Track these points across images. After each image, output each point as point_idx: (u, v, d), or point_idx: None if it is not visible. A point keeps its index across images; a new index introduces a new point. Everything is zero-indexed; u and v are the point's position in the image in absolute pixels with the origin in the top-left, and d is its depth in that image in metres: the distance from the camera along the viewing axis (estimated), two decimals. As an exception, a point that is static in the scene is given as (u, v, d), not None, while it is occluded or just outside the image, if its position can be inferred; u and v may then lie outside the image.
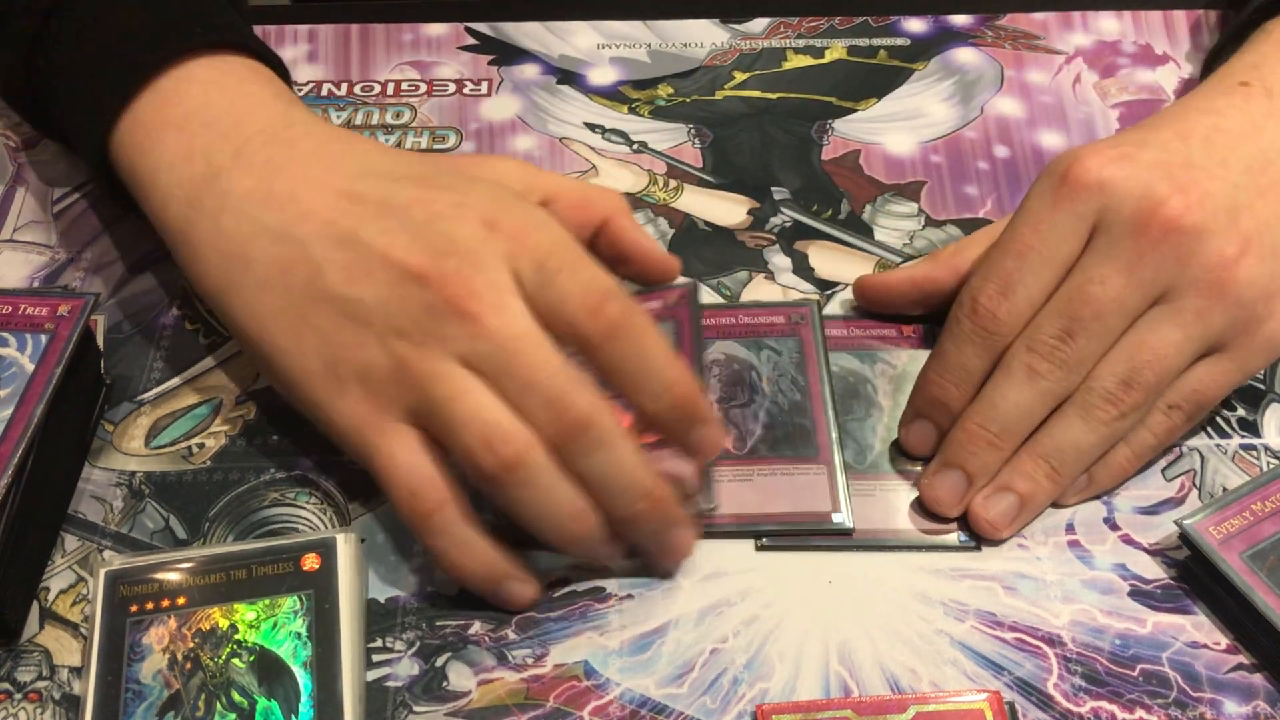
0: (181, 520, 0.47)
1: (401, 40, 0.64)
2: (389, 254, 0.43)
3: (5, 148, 0.59)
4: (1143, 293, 0.44)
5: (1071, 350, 0.44)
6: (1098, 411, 0.45)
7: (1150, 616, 0.44)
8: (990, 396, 0.46)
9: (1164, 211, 0.44)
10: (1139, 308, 0.44)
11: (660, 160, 0.59)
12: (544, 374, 0.41)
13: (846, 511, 0.46)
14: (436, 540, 0.43)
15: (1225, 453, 0.49)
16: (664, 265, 0.51)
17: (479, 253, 0.42)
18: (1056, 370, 0.45)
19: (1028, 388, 0.45)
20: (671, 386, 0.42)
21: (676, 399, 0.43)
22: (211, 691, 0.40)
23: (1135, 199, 0.44)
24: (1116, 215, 0.44)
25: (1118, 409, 0.45)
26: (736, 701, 0.42)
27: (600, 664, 0.43)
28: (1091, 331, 0.44)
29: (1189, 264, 0.44)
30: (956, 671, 0.43)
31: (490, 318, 0.41)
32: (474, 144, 0.59)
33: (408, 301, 0.42)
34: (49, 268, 0.54)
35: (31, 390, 0.44)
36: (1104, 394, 0.45)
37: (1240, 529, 0.44)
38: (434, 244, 0.43)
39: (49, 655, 0.43)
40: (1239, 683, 0.43)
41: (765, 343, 0.51)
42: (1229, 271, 0.44)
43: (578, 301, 0.42)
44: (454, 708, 0.42)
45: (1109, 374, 0.45)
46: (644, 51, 0.64)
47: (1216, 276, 0.44)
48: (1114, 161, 0.45)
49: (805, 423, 0.48)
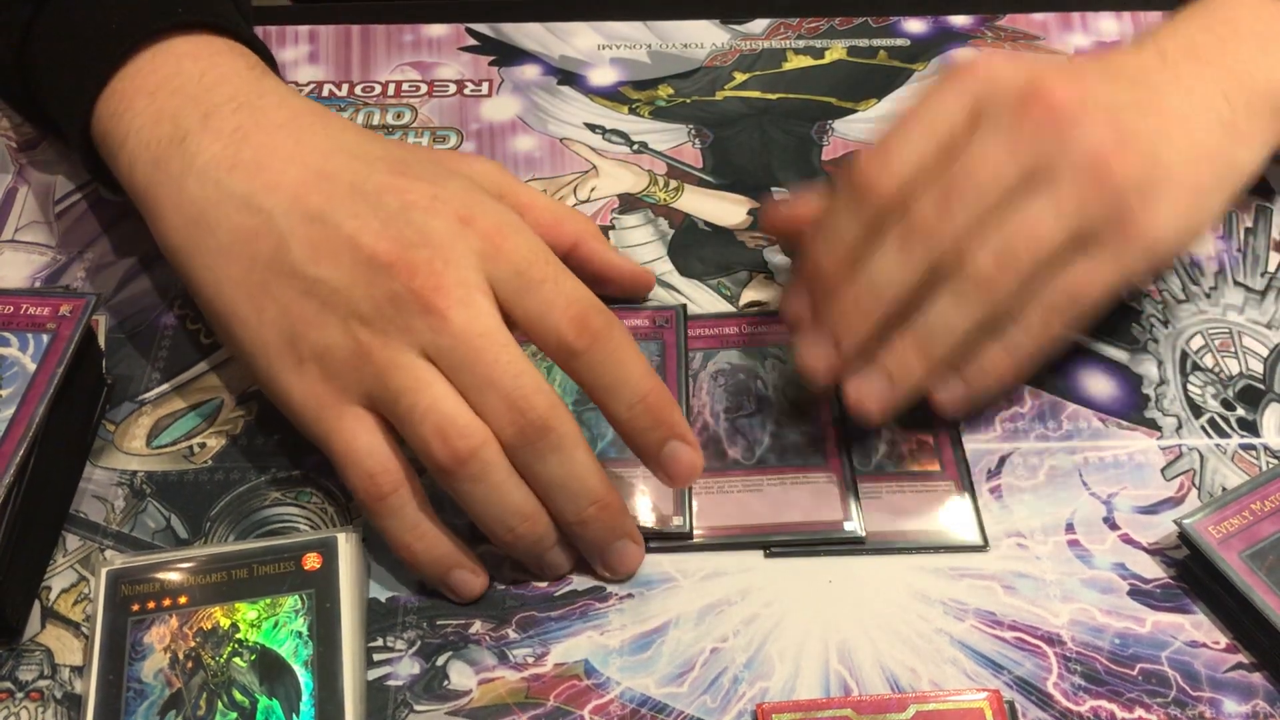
0: (183, 519, 0.47)
1: (402, 41, 0.64)
2: (358, 238, 0.42)
3: (6, 148, 0.59)
4: (1020, 170, 0.43)
5: (944, 222, 0.44)
6: (970, 291, 0.44)
7: (1150, 616, 0.44)
8: (863, 265, 0.45)
9: (1048, 95, 0.44)
10: (1016, 186, 0.44)
11: (660, 160, 0.59)
12: (506, 375, 0.41)
13: (858, 519, 0.46)
14: (389, 522, 0.43)
15: (1224, 452, 0.49)
16: (640, 281, 0.52)
17: (450, 248, 0.42)
18: (928, 241, 0.44)
19: (899, 257, 0.44)
20: (645, 396, 0.43)
21: (650, 408, 0.43)
22: (213, 690, 0.41)
23: (1021, 82, 0.44)
24: (1002, 96, 0.44)
25: (989, 290, 0.44)
26: (736, 700, 0.42)
27: (601, 663, 0.43)
28: (967, 205, 0.43)
29: (1069, 148, 0.43)
30: (956, 670, 0.43)
31: (456, 314, 0.41)
32: (474, 144, 0.60)
33: (373, 289, 0.42)
34: (50, 268, 0.55)
35: (33, 390, 0.44)
36: (976, 273, 0.43)
37: (1239, 528, 0.44)
38: (405, 234, 0.42)
39: (50, 654, 0.43)
40: (1238, 682, 0.43)
41: (769, 351, 0.51)
42: (1107, 160, 0.43)
43: (561, 312, 0.42)
44: (455, 707, 0.42)
45: (983, 252, 0.43)
46: (644, 52, 0.64)
47: (1094, 163, 0.43)
48: (1005, 58, 0.48)
49: (813, 431, 0.48)
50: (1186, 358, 0.52)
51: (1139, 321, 0.53)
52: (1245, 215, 0.57)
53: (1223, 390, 0.51)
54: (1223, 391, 0.51)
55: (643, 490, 0.47)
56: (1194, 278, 0.55)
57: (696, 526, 0.46)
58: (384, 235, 0.42)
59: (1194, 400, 0.50)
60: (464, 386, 0.42)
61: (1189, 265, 0.55)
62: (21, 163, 0.59)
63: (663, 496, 0.46)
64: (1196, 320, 0.53)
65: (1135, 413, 0.50)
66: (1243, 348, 0.52)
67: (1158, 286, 0.54)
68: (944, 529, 0.46)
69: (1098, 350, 0.52)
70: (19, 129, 0.60)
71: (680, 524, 0.46)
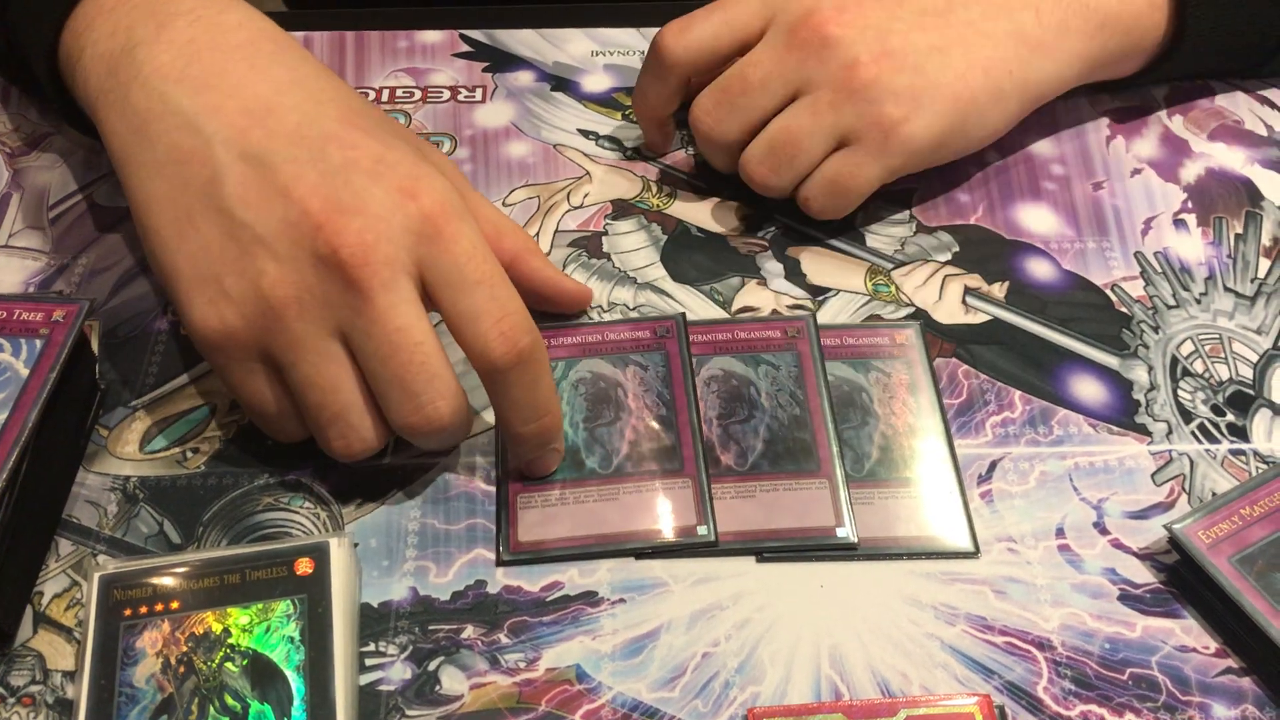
0: (175, 524, 0.47)
1: (396, 47, 0.65)
2: (291, 188, 0.41)
3: (1, 154, 0.59)
4: (784, 80, 0.52)
5: (715, 117, 0.53)
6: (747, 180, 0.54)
7: (1140, 620, 0.44)
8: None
9: (816, 19, 0.52)
10: (781, 93, 0.52)
11: (654, 166, 0.59)
12: (418, 378, 0.42)
13: (850, 526, 0.46)
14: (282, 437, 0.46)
15: (1214, 458, 0.49)
16: (578, 297, 0.52)
17: (385, 220, 0.41)
18: (704, 133, 0.54)
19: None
20: (543, 418, 0.45)
21: (544, 429, 0.45)
22: (205, 695, 0.41)
23: (802, 9, 0.52)
24: (783, 17, 0.52)
25: (760, 186, 0.53)
26: (728, 705, 0.42)
27: (592, 668, 0.43)
28: (735, 104, 0.53)
29: (827, 63, 0.51)
30: (947, 675, 0.43)
31: (379, 297, 0.41)
32: (468, 150, 0.60)
33: (297, 247, 0.41)
34: (44, 273, 0.55)
35: (26, 395, 0.44)
36: (747, 168, 0.53)
37: (1229, 533, 0.44)
38: (340, 194, 0.42)
39: (43, 660, 0.43)
40: (1228, 686, 0.43)
41: (763, 358, 0.51)
42: (856, 72, 0.51)
43: (492, 325, 0.42)
44: (446, 712, 0.42)
45: (752, 150, 0.53)
46: (637, 59, 0.64)
47: (846, 75, 0.51)
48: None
49: (805, 437, 0.49)
50: (1177, 363, 0.52)
51: (1129, 327, 0.53)
52: (1235, 221, 0.57)
53: (1213, 396, 0.51)
54: (1213, 397, 0.51)
55: (664, 502, 0.47)
56: (1184, 283, 0.55)
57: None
58: (318, 191, 0.41)
59: (1184, 405, 0.50)
60: (370, 371, 0.42)
61: (1179, 271, 0.55)
62: (16, 168, 0.59)
63: (684, 507, 0.46)
64: (1187, 326, 0.53)
65: (1126, 418, 0.50)
66: (1233, 353, 0.52)
67: (1148, 292, 0.54)
68: (935, 534, 0.46)
69: (1088, 355, 0.52)
70: (13, 134, 0.60)
71: (705, 533, 0.46)
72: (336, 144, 0.43)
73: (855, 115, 0.51)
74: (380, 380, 0.42)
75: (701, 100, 0.54)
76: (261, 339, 0.42)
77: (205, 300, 0.42)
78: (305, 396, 0.43)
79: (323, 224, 0.41)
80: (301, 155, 0.42)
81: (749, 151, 0.53)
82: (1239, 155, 0.60)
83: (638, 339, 0.51)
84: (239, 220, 0.42)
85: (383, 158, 0.43)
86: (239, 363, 0.43)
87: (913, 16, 0.52)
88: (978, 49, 0.52)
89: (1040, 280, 0.55)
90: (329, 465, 0.48)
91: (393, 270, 0.41)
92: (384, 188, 0.42)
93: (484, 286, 0.42)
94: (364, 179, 0.42)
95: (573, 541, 0.46)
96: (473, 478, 0.48)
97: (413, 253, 0.42)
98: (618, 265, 0.55)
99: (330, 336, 0.42)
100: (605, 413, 0.49)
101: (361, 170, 0.42)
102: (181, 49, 0.45)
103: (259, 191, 0.42)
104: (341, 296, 0.41)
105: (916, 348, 0.52)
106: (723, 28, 0.53)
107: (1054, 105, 0.58)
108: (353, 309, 0.41)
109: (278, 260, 0.41)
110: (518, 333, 0.42)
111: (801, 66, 0.52)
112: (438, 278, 0.42)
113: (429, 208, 0.42)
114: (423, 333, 0.42)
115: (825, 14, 0.52)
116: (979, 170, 0.59)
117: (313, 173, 0.42)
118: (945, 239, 0.56)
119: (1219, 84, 0.63)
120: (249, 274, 0.42)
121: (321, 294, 0.41)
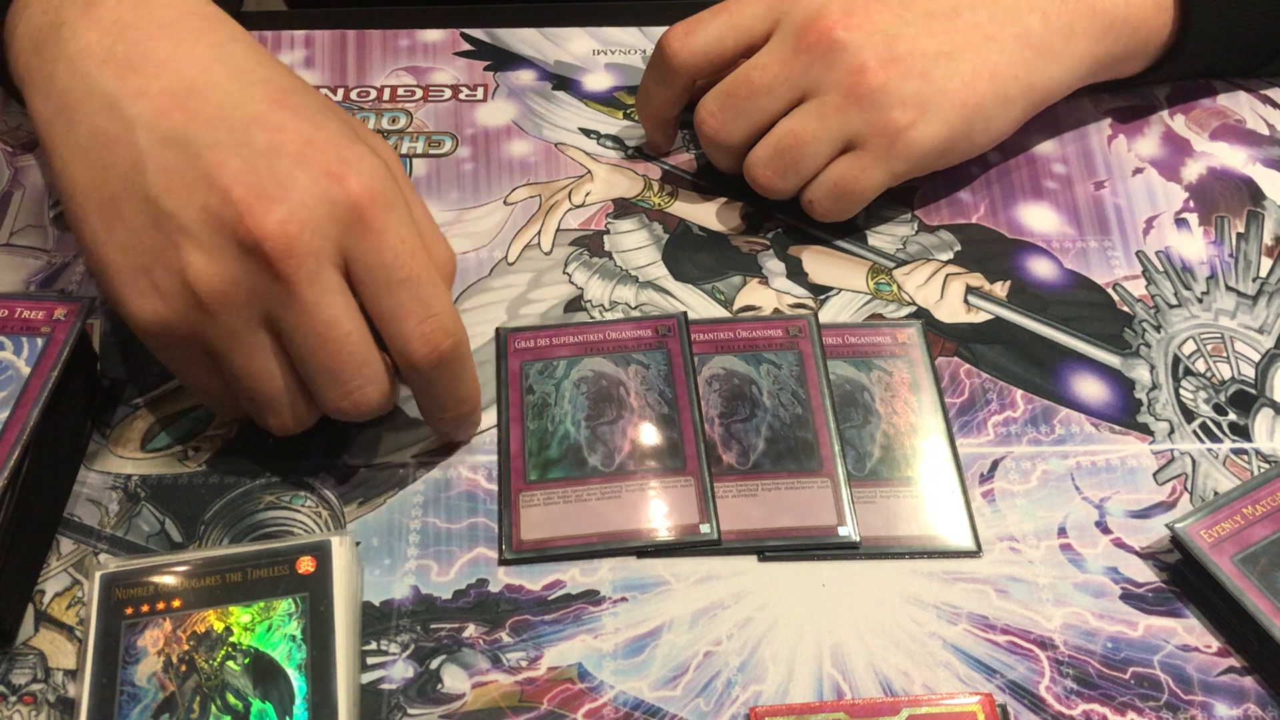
0: (177, 523, 0.47)
1: (398, 46, 0.65)
2: (214, 174, 0.40)
3: (2, 153, 0.59)
4: (791, 83, 0.52)
5: (720, 120, 0.53)
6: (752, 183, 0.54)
7: (1142, 619, 0.44)
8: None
9: (823, 23, 0.51)
10: (787, 96, 0.52)
11: (655, 165, 0.59)
12: (347, 367, 0.42)
13: (852, 524, 0.46)
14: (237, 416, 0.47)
15: (1217, 457, 0.49)
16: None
17: (312, 209, 0.40)
18: (709, 136, 0.54)
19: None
20: (460, 406, 0.46)
21: (460, 416, 0.46)
22: (206, 694, 0.41)
23: (809, 12, 0.52)
24: (790, 20, 0.52)
25: (765, 188, 0.54)
26: (730, 704, 0.42)
27: (594, 666, 0.43)
28: (741, 108, 0.53)
29: (833, 68, 0.51)
30: (949, 674, 0.43)
31: (305, 291, 0.40)
32: (470, 149, 0.60)
33: (221, 236, 0.40)
34: (45, 272, 0.55)
35: (27, 393, 0.44)
36: (752, 170, 0.53)
37: (1231, 532, 0.44)
38: (263, 181, 0.40)
39: (44, 658, 0.43)
40: (1230, 685, 0.43)
41: (764, 356, 0.51)
42: (864, 77, 0.51)
43: (415, 326, 0.42)
44: (448, 710, 0.42)
45: (757, 154, 0.53)
46: (639, 57, 0.64)
47: (853, 80, 0.51)
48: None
49: (807, 436, 0.49)
50: (1179, 362, 0.52)
51: (1131, 326, 0.53)
52: (1237, 220, 0.57)
53: (1215, 395, 0.51)
54: (1215, 396, 0.51)
55: (665, 501, 0.47)
56: (1186, 283, 0.55)
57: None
58: (242, 176, 0.40)
59: (1186, 405, 0.50)
60: (300, 362, 0.42)
61: (1181, 270, 0.55)
62: (17, 167, 0.59)
63: (686, 505, 0.46)
64: (1189, 325, 0.53)
65: (1128, 417, 0.50)
66: (1235, 352, 0.52)
67: (1149, 291, 0.54)
68: (937, 533, 0.46)
69: (1090, 355, 0.52)
70: (14, 133, 0.60)
71: (708, 532, 0.46)
72: (261, 126, 0.41)
73: (862, 120, 0.51)
74: (309, 369, 0.42)
75: (707, 103, 0.54)
76: (194, 330, 0.42)
77: (138, 293, 0.42)
78: (238, 383, 0.43)
79: (244, 213, 0.40)
80: (225, 139, 0.41)
81: (754, 155, 0.53)
82: (1241, 154, 0.60)
83: (639, 338, 0.51)
84: (163, 209, 0.41)
85: (311, 139, 0.41)
86: (176, 350, 0.43)
87: (920, 20, 0.52)
88: (984, 54, 0.52)
89: (1042, 279, 0.55)
90: (330, 464, 0.48)
91: (318, 261, 0.40)
92: (310, 173, 0.41)
93: (409, 285, 0.42)
94: (289, 164, 0.41)
95: (574, 540, 0.46)
96: (474, 476, 0.48)
97: (339, 243, 0.41)
98: (619, 264, 0.55)
99: (259, 327, 0.42)
100: (607, 411, 0.49)
101: (287, 154, 0.41)
102: (108, 28, 0.43)
103: (181, 178, 0.41)
104: (268, 288, 0.40)
105: (918, 347, 0.52)
106: (728, 31, 0.53)
107: (1056, 105, 0.58)
108: (279, 301, 0.40)
109: (203, 251, 0.40)
110: (439, 335, 0.42)
111: (808, 70, 0.51)
112: (362, 273, 0.41)
113: (357, 194, 0.41)
114: (351, 321, 0.41)
115: (832, 18, 0.51)
116: (981, 169, 0.59)
117: (235, 158, 0.40)
118: (947, 238, 0.56)
119: (1221, 83, 0.63)
120: (175, 266, 0.41)
121: (248, 285, 0.40)
